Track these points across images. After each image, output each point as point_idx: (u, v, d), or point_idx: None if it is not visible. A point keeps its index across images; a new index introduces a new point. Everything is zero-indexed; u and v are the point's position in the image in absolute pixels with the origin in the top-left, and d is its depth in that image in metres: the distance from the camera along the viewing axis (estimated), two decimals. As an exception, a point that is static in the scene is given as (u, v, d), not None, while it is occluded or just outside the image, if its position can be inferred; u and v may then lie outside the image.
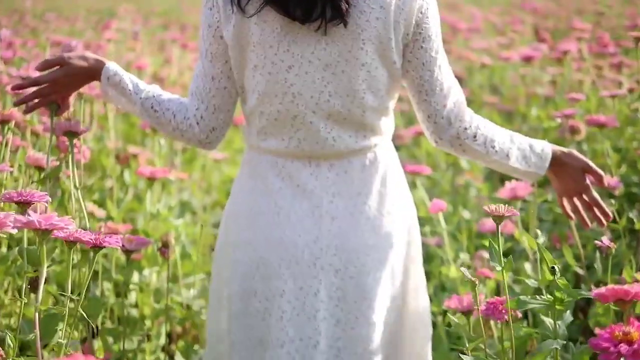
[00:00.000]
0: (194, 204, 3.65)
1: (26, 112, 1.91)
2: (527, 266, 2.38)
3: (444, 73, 1.78)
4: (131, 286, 2.60)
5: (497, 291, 2.36)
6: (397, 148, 3.88)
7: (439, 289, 2.50)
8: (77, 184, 1.97)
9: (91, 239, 1.53)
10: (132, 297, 2.62)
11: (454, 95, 1.79)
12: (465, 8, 8.35)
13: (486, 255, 2.32)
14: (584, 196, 1.90)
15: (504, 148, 1.83)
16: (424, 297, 1.92)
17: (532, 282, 1.75)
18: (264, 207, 1.80)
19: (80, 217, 2.04)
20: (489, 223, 2.15)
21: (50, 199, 1.61)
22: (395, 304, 1.83)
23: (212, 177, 3.78)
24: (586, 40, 4.08)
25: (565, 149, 1.90)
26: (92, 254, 1.57)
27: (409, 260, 1.87)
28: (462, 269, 1.68)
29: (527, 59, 3.66)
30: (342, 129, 1.76)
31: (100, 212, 2.39)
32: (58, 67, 1.84)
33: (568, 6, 9.57)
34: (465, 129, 1.80)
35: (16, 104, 1.91)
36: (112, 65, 1.85)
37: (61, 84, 1.85)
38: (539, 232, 1.92)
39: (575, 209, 1.92)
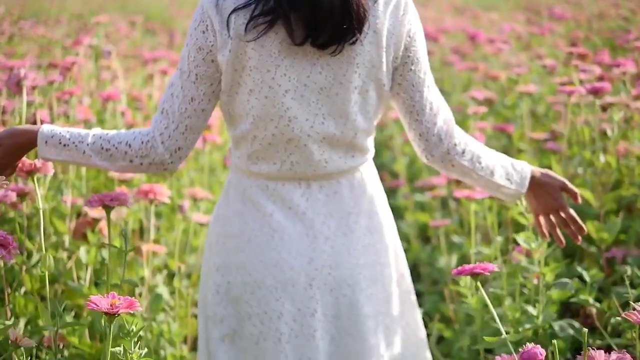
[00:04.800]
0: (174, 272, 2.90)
1: None
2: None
3: (432, 92, 1.86)
4: None
5: None
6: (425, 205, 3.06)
7: None
8: None
9: None
10: None
11: (443, 113, 1.88)
12: (484, 15, 7.59)
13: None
14: (561, 213, 1.99)
15: (489, 164, 1.92)
16: (414, 305, 1.99)
17: None
18: (257, 230, 1.82)
19: None
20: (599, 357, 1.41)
21: None
22: (388, 319, 1.89)
23: (197, 240, 3.00)
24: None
25: (542, 169, 1.99)
26: None
27: (399, 276, 1.94)
28: None
29: (595, 92, 2.89)
30: (334, 151, 1.81)
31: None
32: None
33: (588, 11, 8.88)
34: (455, 145, 1.88)
35: None
36: (45, 128, 1.81)
37: (2, 165, 1.82)
38: None
39: (552, 226, 2.01)
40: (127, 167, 1.82)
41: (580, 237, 2.01)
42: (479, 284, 1.76)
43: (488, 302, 1.66)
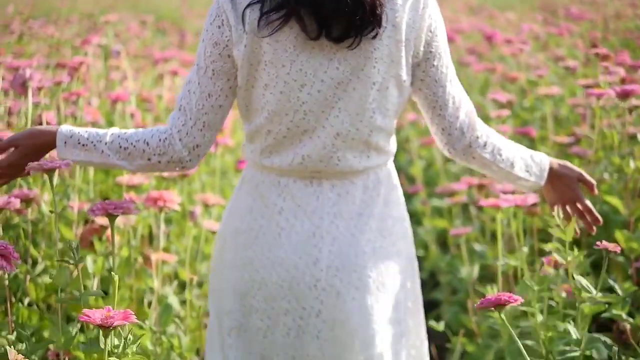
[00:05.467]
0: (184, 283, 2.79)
1: None
2: None
3: (455, 86, 1.85)
4: None
5: None
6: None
7: None
8: None
9: None
10: None
11: (465, 106, 1.86)
12: (500, 15, 7.46)
13: None
14: (577, 204, 1.99)
15: (510, 156, 1.91)
16: (420, 317, 1.95)
17: None
18: (265, 227, 1.81)
19: None
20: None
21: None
22: (396, 327, 1.85)
23: (208, 248, 2.89)
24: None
25: (560, 161, 2.00)
26: None
27: (411, 285, 1.91)
28: None
29: (625, 95, 2.76)
30: (348, 149, 1.77)
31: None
32: (13, 148, 1.81)
33: (604, 11, 8.73)
34: (477, 137, 1.87)
35: None
36: (64, 128, 1.81)
37: (18, 165, 1.80)
38: None
39: (567, 217, 2.00)
40: (145, 166, 1.80)
41: (595, 228, 2.00)
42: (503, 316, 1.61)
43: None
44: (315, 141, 1.76)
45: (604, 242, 1.88)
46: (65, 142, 1.80)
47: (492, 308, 1.55)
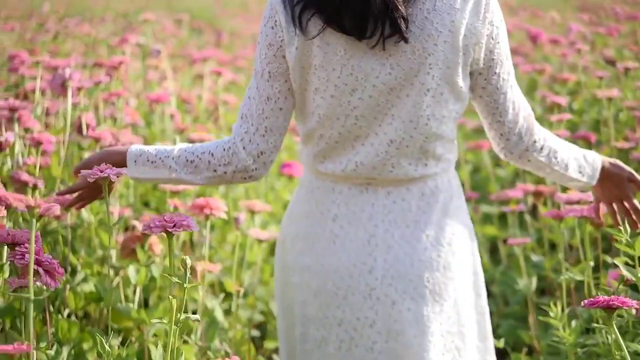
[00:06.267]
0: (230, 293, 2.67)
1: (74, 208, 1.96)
2: None
3: (515, 91, 1.81)
4: None
5: None
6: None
7: None
8: None
9: None
10: None
11: (524, 110, 1.83)
12: (543, 15, 7.29)
13: None
14: (625, 202, 1.96)
15: (564, 158, 1.88)
16: (487, 330, 1.87)
17: None
18: (320, 234, 1.79)
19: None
20: None
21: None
22: (459, 340, 1.79)
23: (254, 256, 2.77)
24: None
25: (611, 159, 1.96)
26: None
27: (475, 296, 1.85)
28: None
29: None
30: (403, 157, 1.74)
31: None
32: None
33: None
34: (535, 142, 1.84)
35: (66, 208, 1.96)
36: (134, 148, 1.82)
37: (93, 187, 1.83)
38: None
39: (612, 213, 1.98)
40: (212, 178, 1.78)
41: (639, 225, 1.97)
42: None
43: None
44: (368, 148, 1.73)
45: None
46: (135, 161, 1.80)
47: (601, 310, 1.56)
